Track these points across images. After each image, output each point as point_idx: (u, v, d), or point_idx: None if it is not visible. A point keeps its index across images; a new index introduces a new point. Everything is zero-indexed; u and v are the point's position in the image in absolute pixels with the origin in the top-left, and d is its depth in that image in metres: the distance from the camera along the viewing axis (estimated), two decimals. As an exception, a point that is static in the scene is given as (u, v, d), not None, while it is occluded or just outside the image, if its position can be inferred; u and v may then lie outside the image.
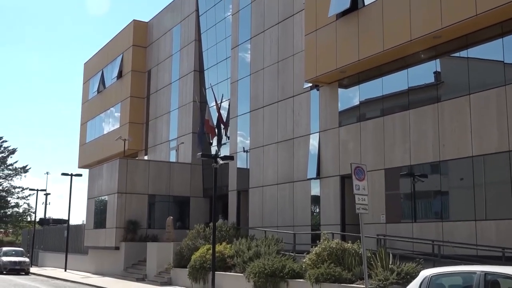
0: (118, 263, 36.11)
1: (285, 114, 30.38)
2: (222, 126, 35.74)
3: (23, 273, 42.74)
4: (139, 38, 48.58)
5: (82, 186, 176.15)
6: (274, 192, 30.59)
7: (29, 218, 79.18)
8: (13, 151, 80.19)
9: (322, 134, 27.77)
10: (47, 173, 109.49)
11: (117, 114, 49.91)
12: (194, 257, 27.58)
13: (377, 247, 20.96)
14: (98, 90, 53.93)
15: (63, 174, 45.22)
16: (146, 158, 45.99)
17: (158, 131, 45.39)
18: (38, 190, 58.58)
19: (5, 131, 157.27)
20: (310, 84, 28.38)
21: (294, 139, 29.61)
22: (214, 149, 36.05)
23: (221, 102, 35.96)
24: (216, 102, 35.82)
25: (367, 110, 25.75)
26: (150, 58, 47.90)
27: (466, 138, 20.84)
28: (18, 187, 79.99)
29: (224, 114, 35.97)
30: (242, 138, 34.27)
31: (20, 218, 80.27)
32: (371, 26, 23.92)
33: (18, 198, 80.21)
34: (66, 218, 49.03)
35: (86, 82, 58.28)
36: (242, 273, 24.25)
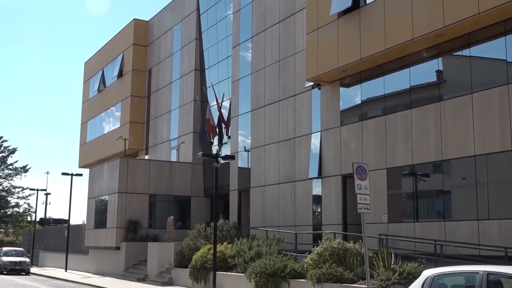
0: (119, 263, 36.01)
1: (286, 113, 30.29)
2: (223, 126, 35.67)
3: (24, 273, 42.66)
4: (140, 37, 48.48)
5: (82, 185, 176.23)
6: (275, 191, 30.50)
7: (29, 218, 79.07)
8: (13, 151, 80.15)
9: (324, 133, 27.68)
10: (47, 172, 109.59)
11: (117, 113, 49.82)
12: (195, 257, 27.52)
13: (379, 247, 20.88)
14: (99, 89, 53.84)
15: (64, 174, 45.18)
16: (146, 157, 45.92)
17: (158, 131, 45.29)
18: (38, 190, 58.55)
19: (5, 131, 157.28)
20: (312, 83, 28.28)
21: (295, 139, 29.52)
22: (215, 148, 36.00)
23: (222, 101, 35.87)
24: (217, 101, 35.74)
25: (369, 109, 25.67)
26: (150, 57, 47.80)
27: (468, 137, 20.76)
28: (18, 187, 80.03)
29: (225, 113, 35.90)
30: (243, 138, 34.18)
31: (20, 218, 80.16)
32: (373, 25, 23.83)
33: (18, 198, 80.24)
34: (67, 218, 49.04)
35: (87, 81, 58.19)
36: (243, 273, 24.19)
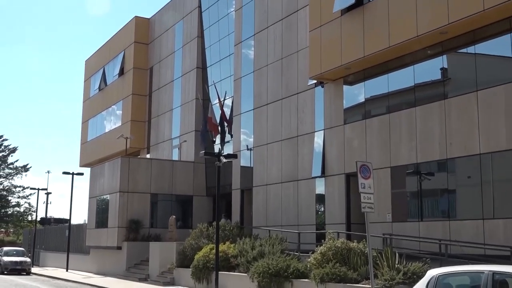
0: (120, 263, 35.91)
1: (289, 111, 30.13)
2: (225, 124, 35.57)
3: (24, 273, 42.62)
4: (141, 34, 48.33)
5: (83, 185, 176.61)
6: (278, 190, 30.34)
7: (30, 218, 78.80)
8: (13, 150, 79.93)
9: (327, 132, 27.52)
10: (48, 172, 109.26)
11: (118, 112, 49.68)
12: (197, 256, 27.47)
13: (383, 247, 20.85)
14: (100, 88, 53.70)
15: (64, 173, 45.11)
16: (148, 156, 45.82)
17: (160, 129, 45.15)
18: (39, 189, 58.33)
19: (5, 130, 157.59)
20: (315, 81, 28.12)
21: (298, 137, 29.36)
22: (217, 147, 35.92)
23: (224, 99, 35.74)
24: (219, 99, 35.60)
25: (373, 107, 25.54)
26: (152, 55, 47.65)
27: (473, 135, 20.62)
28: (19, 186, 79.81)
29: (227, 111, 35.77)
30: (245, 136, 34.02)
31: (21, 218, 79.97)
32: (377, 22, 23.68)
33: (19, 197, 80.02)
34: (68, 217, 49.01)
35: (87, 79, 58.02)
36: (246, 273, 24.13)
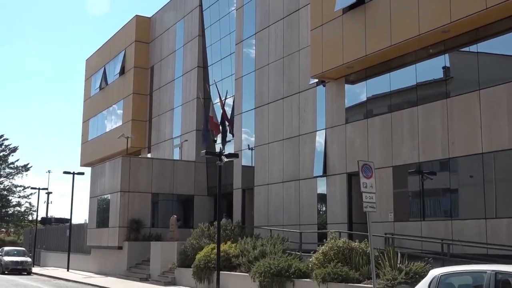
0: (121, 263, 35.85)
1: (290, 110, 30.04)
2: (226, 123, 35.49)
3: (25, 273, 42.57)
4: (142, 33, 48.26)
5: (84, 184, 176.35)
6: (279, 190, 30.27)
7: (30, 217, 78.74)
8: (14, 149, 79.82)
9: (329, 131, 27.43)
10: (49, 171, 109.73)
11: (119, 111, 49.61)
12: (198, 256, 27.43)
13: (385, 246, 20.78)
14: (100, 87, 53.62)
15: (65, 173, 44.95)
16: (149, 156, 45.73)
17: (161, 129, 45.08)
18: (39, 189, 58.25)
19: (6, 130, 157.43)
20: (316, 80, 28.05)
21: (300, 136, 29.27)
22: (218, 146, 35.86)
23: (225, 98, 35.66)
24: (220, 98, 35.53)
25: (375, 106, 25.45)
26: (153, 54, 47.57)
27: (475, 134, 20.54)
28: (20, 186, 79.66)
29: (228, 111, 35.70)
30: (247, 135, 33.93)
31: (21, 217, 79.85)
32: (379, 21, 23.60)
33: (19, 197, 79.87)
34: (68, 217, 48.92)
35: (88, 78, 57.94)
36: (247, 272, 24.08)
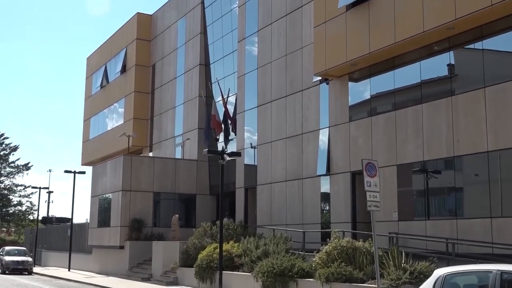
0: (123, 263, 35.76)
1: (293, 108, 29.90)
2: (229, 122, 35.31)
3: (26, 272, 42.57)
4: (143, 31, 48.15)
5: (85, 183, 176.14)
6: (282, 189, 30.15)
7: (31, 217, 78.73)
8: (15, 148, 79.76)
9: (332, 129, 27.30)
10: (50, 170, 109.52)
11: (121, 109, 49.51)
12: (200, 256, 27.39)
13: (389, 246, 20.79)
14: (101, 85, 53.53)
15: (66, 172, 44.93)
16: (151, 154, 45.65)
17: (163, 127, 44.95)
18: (40, 188, 58.24)
19: (6, 128, 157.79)
20: (320, 77, 27.94)
21: (303, 135, 29.13)
22: (220, 145, 35.72)
23: (227, 96, 35.53)
24: (222, 97, 35.38)
25: (379, 104, 25.33)
26: (154, 52, 47.46)
27: (481, 132, 20.44)
28: (20, 185, 79.59)
29: (231, 109, 35.55)
30: (249, 134, 33.83)
31: (22, 217, 79.84)
32: (382, 18, 23.47)
33: (20, 196, 79.80)
34: (70, 216, 48.69)
35: (89, 77, 57.86)
36: (250, 272, 24.04)
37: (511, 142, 19.40)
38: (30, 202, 79.47)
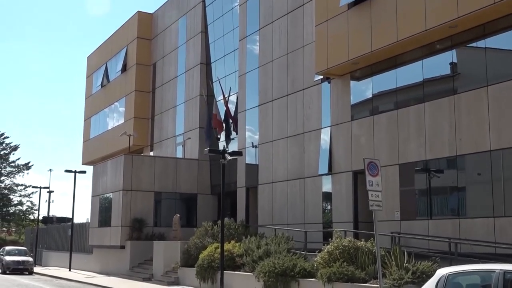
0: (124, 263, 35.71)
1: (295, 108, 29.81)
2: (230, 121, 35.27)
3: (27, 272, 42.49)
4: (144, 30, 48.06)
5: (86, 183, 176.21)
6: (284, 188, 30.05)
7: (32, 217, 78.61)
8: (15, 148, 79.68)
9: (334, 129, 27.21)
10: (50, 170, 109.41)
11: (121, 109, 49.42)
12: (202, 256, 27.32)
13: (391, 245, 20.68)
14: (102, 84, 53.44)
15: (67, 171, 44.87)
16: (151, 154, 45.57)
17: (164, 126, 44.86)
18: (41, 188, 58.16)
19: (6, 128, 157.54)
20: (321, 76, 27.85)
21: (304, 134, 29.04)
22: (222, 144, 35.72)
23: (228, 95, 35.46)
24: (223, 96, 35.31)
25: (381, 103, 25.25)
26: (155, 50, 47.38)
27: (483, 131, 20.35)
28: (21, 185, 79.44)
29: (232, 108, 35.49)
30: (250, 133, 33.72)
31: (23, 217, 79.70)
32: (384, 16, 23.37)
33: (20, 196, 79.67)
34: (70, 216, 48.75)
35: (90, 76, 57.78)
36: (251, 272, 23.95)
37: (514, 141, 19.30)
38: (31, 202, 79.54)
